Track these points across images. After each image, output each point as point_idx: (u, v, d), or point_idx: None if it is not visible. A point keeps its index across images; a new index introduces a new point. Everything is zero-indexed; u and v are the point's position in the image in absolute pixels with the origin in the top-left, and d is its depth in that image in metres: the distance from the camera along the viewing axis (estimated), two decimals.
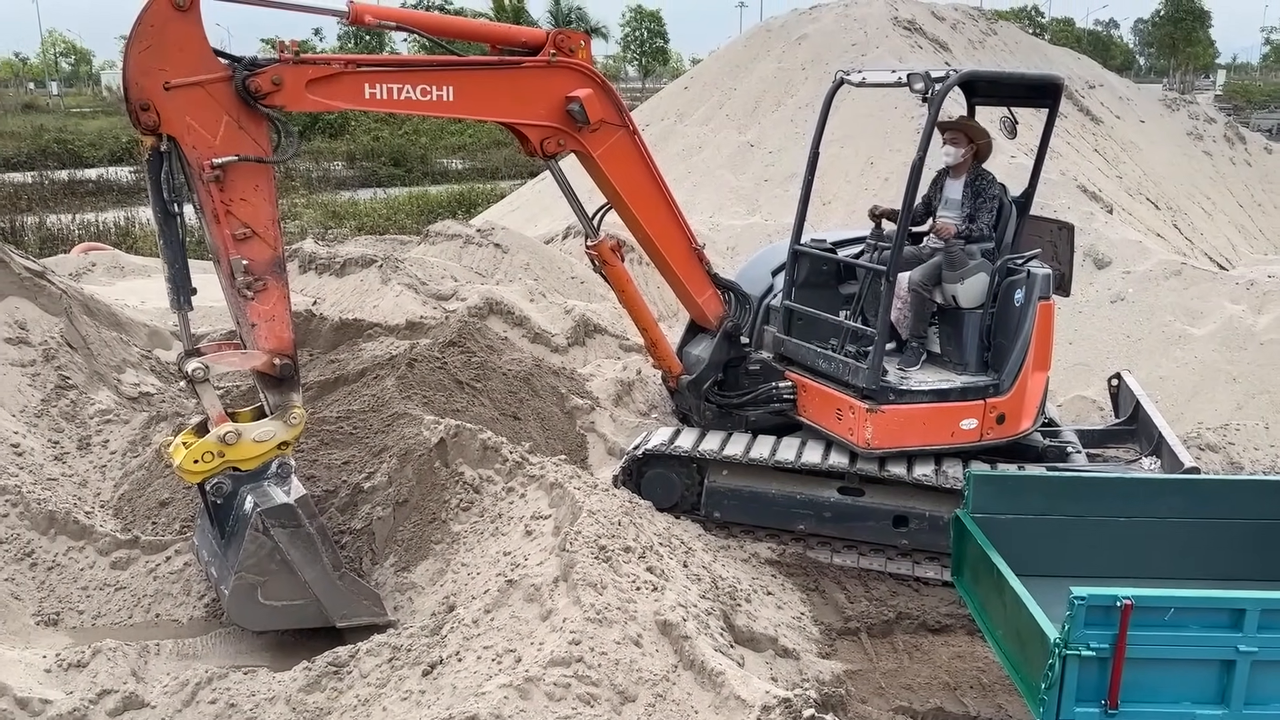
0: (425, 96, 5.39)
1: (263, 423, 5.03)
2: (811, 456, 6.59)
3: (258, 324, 4.87)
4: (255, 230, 4.78)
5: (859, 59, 16.75)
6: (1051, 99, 6.87)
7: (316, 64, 5.05)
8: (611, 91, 6.14)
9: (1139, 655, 3.90)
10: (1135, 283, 11.19)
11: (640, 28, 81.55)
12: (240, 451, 4.96)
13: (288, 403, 5.03)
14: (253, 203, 4.78)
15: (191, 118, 4.61)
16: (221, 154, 4.66)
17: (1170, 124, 23.11)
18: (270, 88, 4.80)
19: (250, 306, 4.84)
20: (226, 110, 4.71)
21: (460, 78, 5.53)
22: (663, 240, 6.69)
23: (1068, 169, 15.44)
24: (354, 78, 5.16)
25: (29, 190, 24.39)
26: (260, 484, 5.01)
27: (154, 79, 4.52)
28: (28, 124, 40.88)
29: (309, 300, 11.50)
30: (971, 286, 6.61)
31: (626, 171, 6.37)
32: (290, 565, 4.89)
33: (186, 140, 4.62)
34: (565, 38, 5.91)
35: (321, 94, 5.08)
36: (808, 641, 5.72)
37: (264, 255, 4.83)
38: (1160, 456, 6.95)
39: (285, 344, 4.97)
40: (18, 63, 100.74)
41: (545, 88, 5.89)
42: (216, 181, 4.65)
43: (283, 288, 4.93)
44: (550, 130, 5.98)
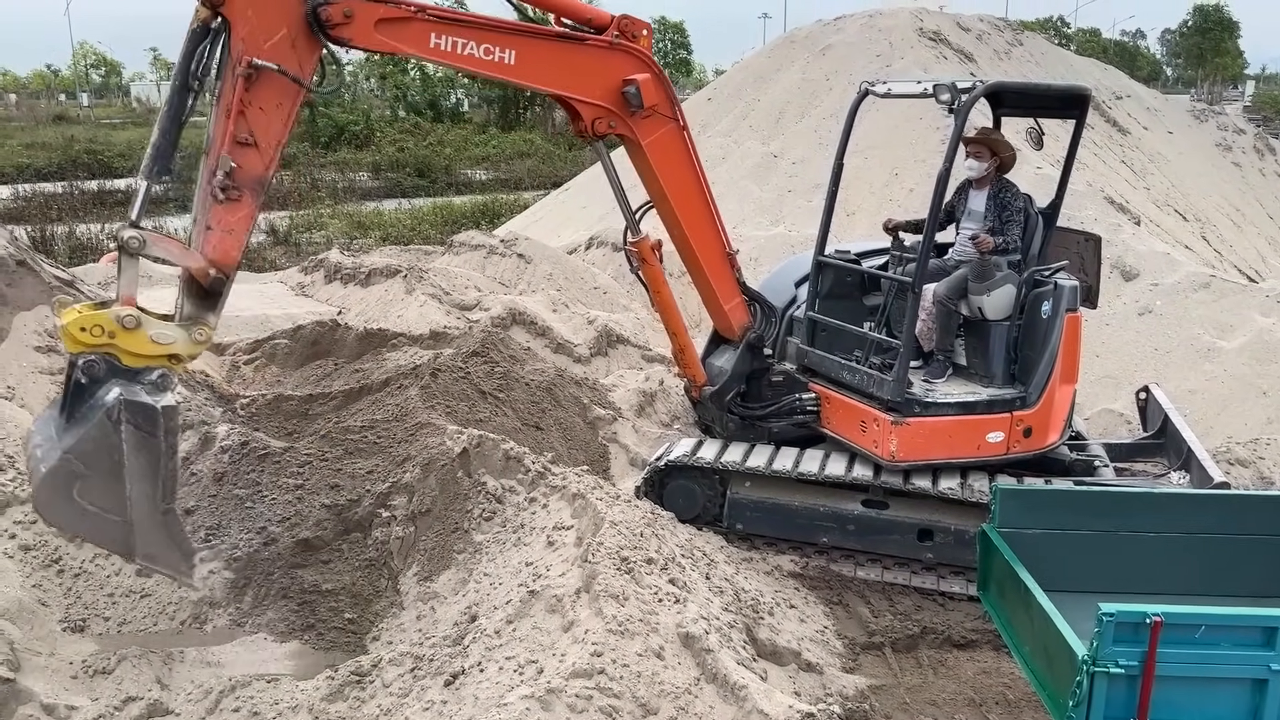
0: (488, 56, 5.48)
1: (167, 325, 4.73)
2: (835, 469, 6.55)
3: (214, 229, 4.73)
4: (258, 141, 4.74)
5: (883, 70, 16.71)
6: (1079, 110, 6.82)
7: (389, 3, 5.11)
8: (667, 82, 6.25)
9: (1169, 673, 3.84)
10: (1163, 295, 11.08)
11: (664, 39, 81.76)
12: (131, 341, 4.60)
13: (201, 318, 4.79)
14: (269, 115, 4.77)
15: (255, 12, 4.67)
16: (265, 57, 4.68)
17: (1199, 135, 22.92)
18: (341, 19, 4.89)
19: (216, 209, 4.71)
20: (289, 23, 4.77)
21: (524, 43, 5.62)
22: (699, 240, 6.72)
23: (1095, 180, 15.32)
24: (422, 24, 5.24)
25: (59, 200, 24.66)
26: (134, 383, 4.63)
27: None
28: (59, 135, 41.41)
29: (334, 310, 11.58)
30: (998, 298, 6.56)
31: (672, 165, 6.42)
32: (122, 471, 4.49)
33: (240, 28, 4.65)
34: (630, 23, 6.01)
35: (389, 35, 5.15)
36: (831, 656, 5.67)
37: (254, 168, 4.76)
38: (1189, 471, 6.87)
39: (229, 260, 4.78)
40: (49, 74, 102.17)
41: (604, 68, 5.99)
42: (247, 79, 4.64)
43: (253, 208, 4.83)
44: (603, 110, 6.07)
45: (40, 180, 29.25)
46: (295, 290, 13.18)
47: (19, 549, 5.50)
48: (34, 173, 31.45)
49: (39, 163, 33.38)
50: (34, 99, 79.91)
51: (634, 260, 6.85)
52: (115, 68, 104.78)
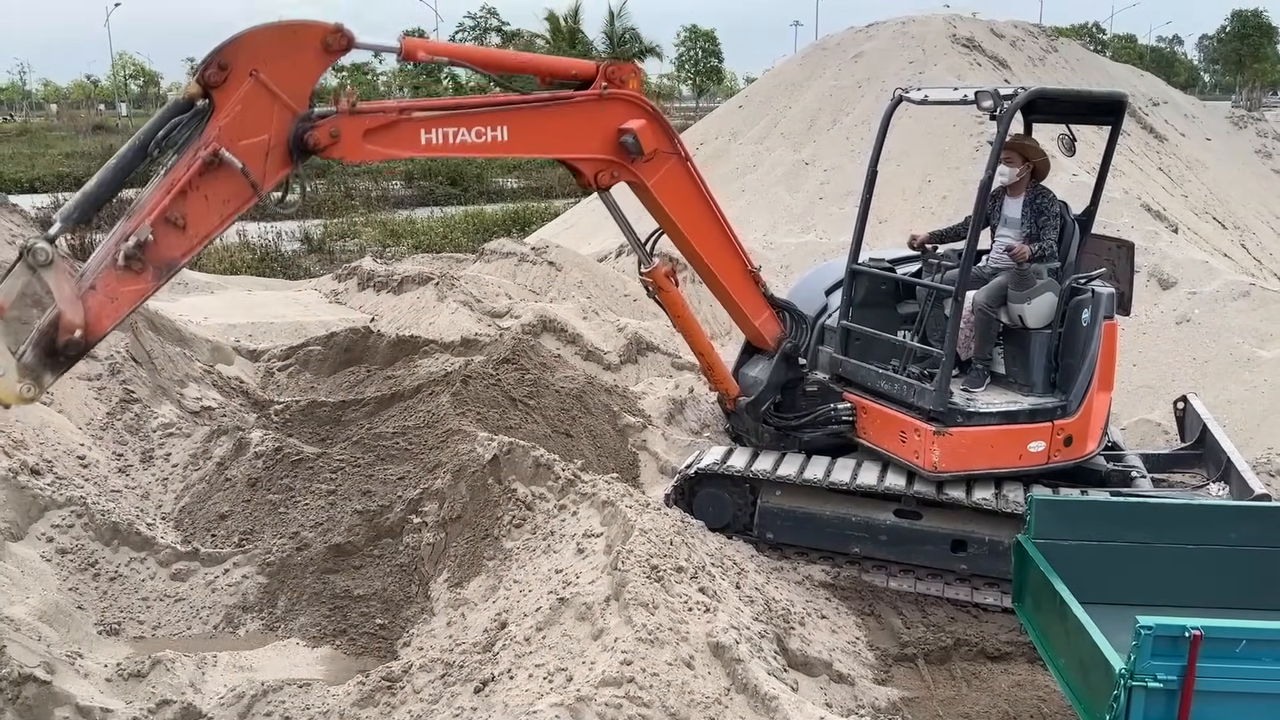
0: (480, 139, 5.39)
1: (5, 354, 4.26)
2: (867, 478, 6.50)
3: (98, 290, 4.35)
4: (188, 226, 4.49)
5: (916, 76, 16.62)
6: (1115, 116, 6.76)
7: (373, 114, 5.03)
8: (663, 120, 6.14)
9: (1208, 688, 3.77)
10: (1201, 303, 10.92)
11: (695, 47, 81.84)
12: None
13: (37, 375, 4.28)
14: (210, 207, 4.55)
15: (244, 108, 4.56)
16: (235, 153, 4.53)
17: (1237, 142, 22.61)
18: (328, 140, 4.79)
19: (109, 273, 4.35)
20: (272, 133, 4.66)
21: (515, 117, 5.52)
22: (718, 264, 6.66)
23: (1131, 187, 15.15)
24: (410, 125, 5.15)
25: None
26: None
27: (253, 59, 4.52)
28: (98, 144, 42.05)
29: (367, 317, 11.67)
30: (1038, 306, 6.50)
31: (680, 198, 6.34)
32: None
33: (221, 117, 4.53)
34: (615, 69, 5.89)
35: (379, 143, 5.07)
36: (863, 667, 5.63)
37: (170, 251, 4.48)
38: (1229, 482, 6.76)
39: (97, 329, 4.37)
40: (89, 84, 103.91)
41: (598, 121, 5.88)
42: (206, 164, 4.47)
43: (150, 288, 4.52)
44: (604, 163, 5.97)
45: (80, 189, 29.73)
46: (329, 297, 13.30)
47: (56, 552, 5.57)
48: (74, 181, 31.87)
49: (79, 171, 33.85)
50: (74, 109, 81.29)
51: (650, 288, 6.81)
52: (153, 78, 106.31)
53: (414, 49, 5.25)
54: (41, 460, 6.12)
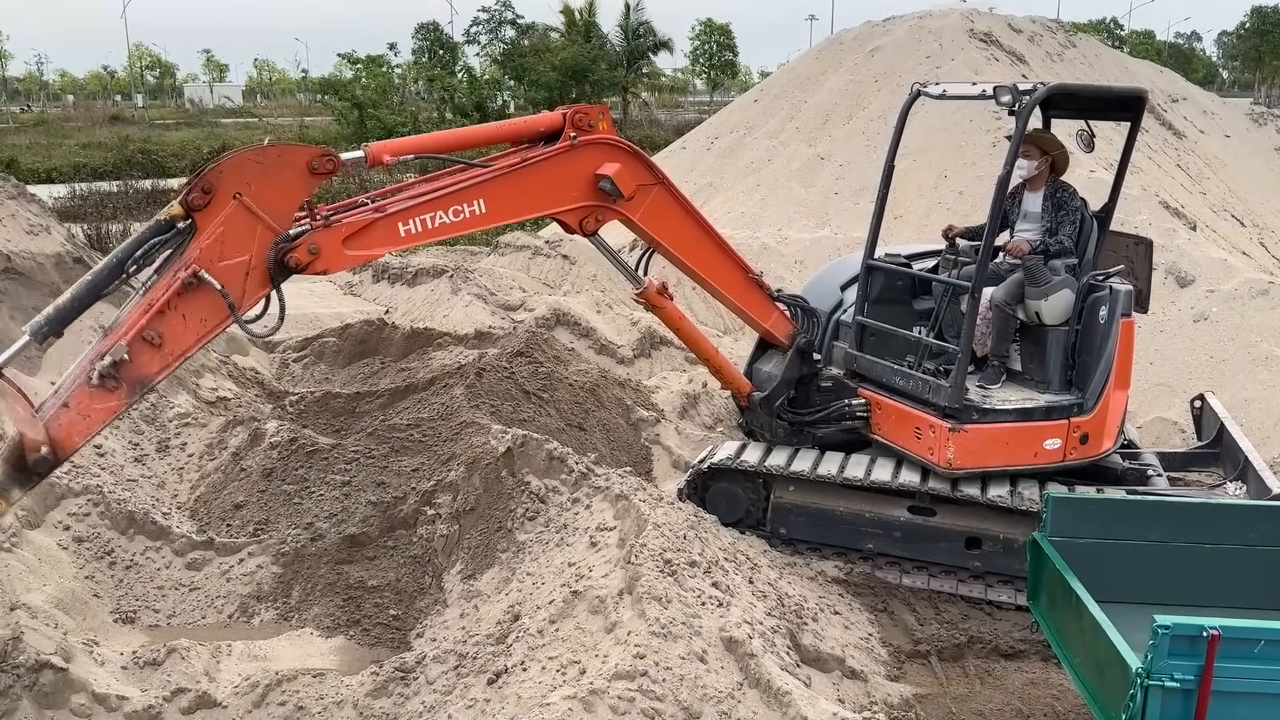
0: (459, 217, 5.30)
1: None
2: (881, 474, 6.48)
3: (70, 408, 4.23)
4: (164, 345, 4.42)
5: (933, 71, 16.53)
6: (1134, 112, 6.70)
7: (348, 220, 4.96)
8: (639, 154, 6.04)
9: (1226, 688, 3.74)
10: (1219, 302, 10.83)
11: (709, 40, 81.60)
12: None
13: (5, 492, 4.14)
14: (188, 328, 4.49)
15: (227, 229, 4.52)
16: (214, 274, 4.47)
17: (1257, 139, 22.41)
18: (308, 258, 4.75)
19: (82, 391, 4.25)
20: (253, 254, 4.62)
21: (489, 188, 5.42)
22: (717, 278, 6.62)
23: (1149, 184, 15.04)
24: (386, 222, 5.07)
25: (114, 199, 25.13)
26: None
27: (236, 181, 4.50)
28: (114, 135, 42.24)
29: (381, 309, 11.69)
30: (1056, 303, 6.46)
31: (669, 225, 6.28)
32: None
33: (203, 239, 4.49)
34: (582, 115, 5.77)
35: (359, 246, 5.00)
36: (876, 663, 5.61)
37: (145, 369, 4.39)
38: (1246, 482, 6.71)
39: (68, 445, 4.24)
40: (106, 76, 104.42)
41: (573, 172, 5.78)
42: (186, 285, 4.40)
43: (123, 405, 4.41)
44: (588, 209, 5.90)
45: (96, 179, 29.81)
46: (344, 289, 13.34)
47: (73, 540, 5.61)
48: (90, 172, 32.09)
49: (95, 162, 34.06)
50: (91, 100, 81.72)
51: (645, 307, 6.78)
52: (169, 69, 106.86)
53: (378, 154, 5.12)
54: None
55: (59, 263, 7.75)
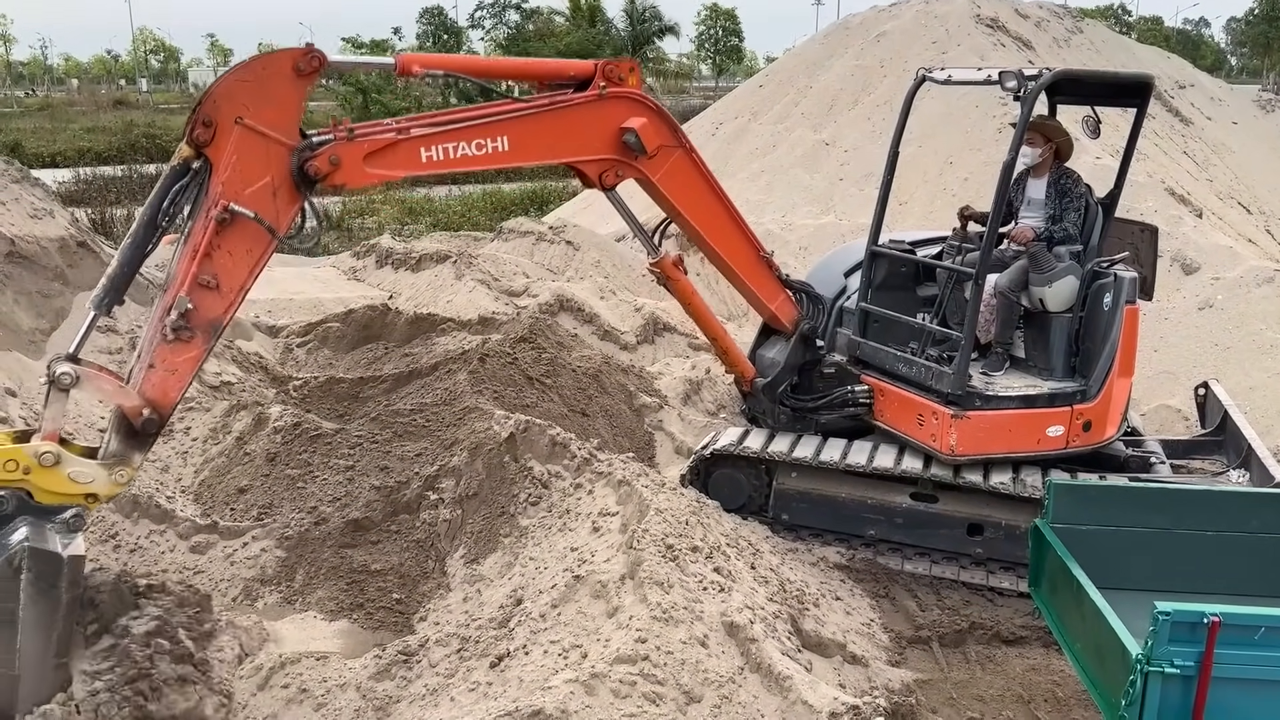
0: (481, 150, 5.31)
1: (88, 464, 4.35)
2: (884, 461, 6.49)
3: (157, 367, 4.42)
4: (220, 285, 4.51)
5: (939, 57, 16.46)
6: (1140, 99, 6.67)
7: (371, 137, 4.97)
8: (665, 114, 6.07)
9: (1226, 675, 3.75)
10: (1225, 289, 10.80)
11: (715, 26, 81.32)
12: (47, 479, 4.24)
13: (126, 458, 4.42)
14: (236, 261, 4.55)
15: (240, 157, 4.52)
16: (243, 204, 4.50)
17: (1265, 126, 22.30)
18: (329, 168, 4.75)
19: (163, 348, 4.42)
20: (273, 173, 4.62)
21: (514, 125, 5.42)
22: (729, 252, 6.62)
23: (1155, 171, 14.98)
24: (409, 144, 5.08)
25: (118, 183, 25.18)
26: (44, 523, 4.22)
27: (234, 107, 4.47)
28: (118, 119, 42.29)
29: (385, 294, 11.70)
30: (1060, 290, 6.45)
31: (687, 190, 6.29)
32: (15, 623, 4.06)
33: (221, 173, 4.50)
34: (614, 67, 5.80)
35: (380, 165, 5.01)
36: (877, 649, 5.63)
37: (212, 311, 4.52)
38: (1249, 469, 6.72)
39: (167, 401, 4.47)
40: (110, 60, 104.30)
41: (599, 121, 5.80)
42: (220, 223, 4.46)
43: (203, 350, 4.55)
44: (608, 163, 5.90)
45: (100, 164, 29.87)
46: (347, 274, 13.35)
47: None
48: (94, 156, 32.14)
49: (99, 147, 34.11)
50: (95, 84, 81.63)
51: (658, 278, 6.79)
52: (173, 53, 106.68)
53: (408, 64, 5.14)
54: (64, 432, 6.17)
55: (63, 247, 7.76)
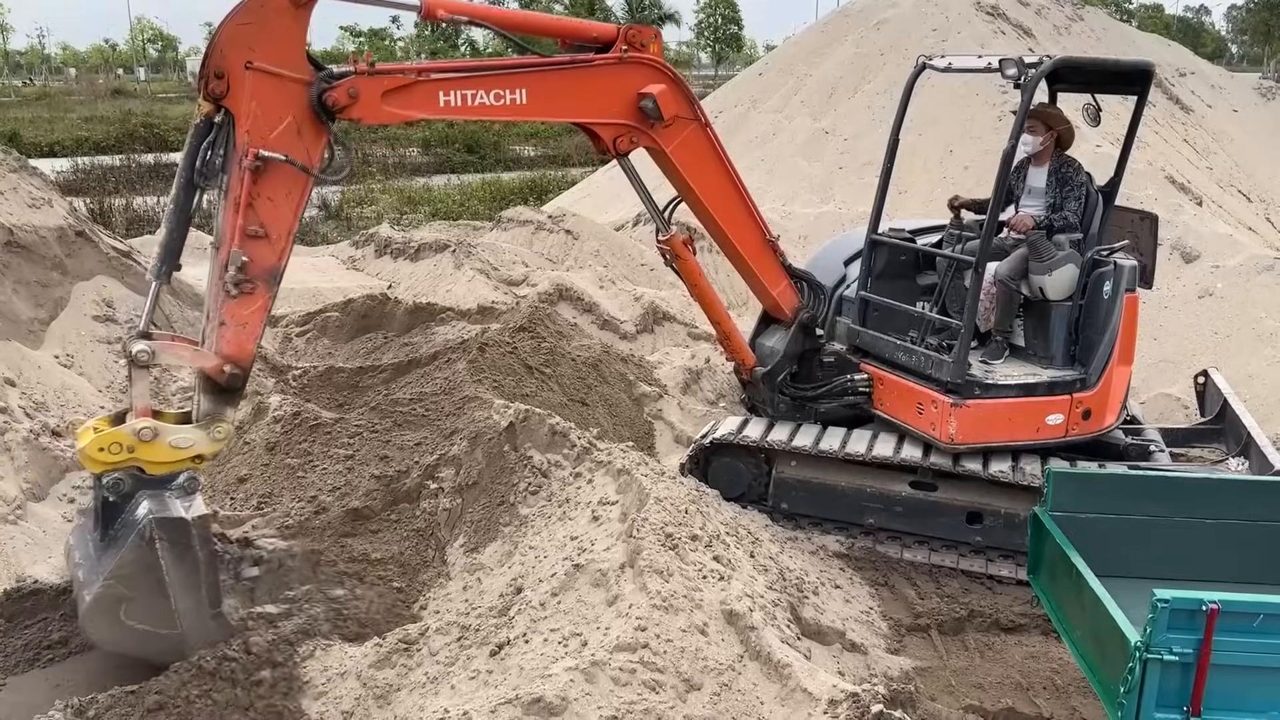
0: (499, 101, 5.31)
1: (185, 429, 4.58)
2: (883, 450, 6.49)
3: (227, 324, 4.56)
4: (269, 233, 4.58)
5: (939, 45, 16.40)
6: (1140, 86, 6.65)
7: (391, 74, 4.97)
8: (684, 85, 6.07)
9: (1224, 662, 3.76)
10: (1225, 278, 10.79)
11: (714, 14, 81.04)
12: (151, 452, 4.48)
13: (219, 414, 4.63)
14: (278, 206, 4.60)
15: (258, 103, 4.51)
16: (271, 148, 4.52)
17: (1265, 114, 22.24)
18: (347, 100, 4.73)
19: (229, 305, 4.55)
20: (293, 111, 4.62)
21: (533, 80, 5.44)
22: (736, 233, 6.61)
23: (1155, 159, 14.96)
24: (428, 86, 5.08)
25: (117, 173, 25.12)
26: (162, 492, 4.49)
27: (240, 53, 4.45)
28: (116, 109, 42.11)
29: (384, 284, 11.68)
30: (1060, 278, 6.45)
31: (699, 165, 6.29)
32: (164, 587, 4.34)
33: (243, 122, 4.50)
34: (636, 33, 5.82)
35: (397, 104, 5.00)
36: (876, 637, 5.64)
37: (267, 260, 4.60)
38: (1248, 457, 6.72)
39: (245, 354, 4.62)
40: (107, 49, 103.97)
41: (618, 85, 5.81)
42: (254, 171, 4.49)
43: (268, 298, 4.67)
44: (623, 128, 5.91)
45: (98, 153, 29.78)
46: (346, 264, 13.33)
47: (77, 513, 5.63)
48: (92, 146, 32.03)
49: (97, 136, 33.98)
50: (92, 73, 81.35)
51: (668, 256, 6.78)
52: (171, 42, 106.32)
53: (434, 7, 5.13)
54: (62, 422, 6.17)
55: (61, 236, 7.74)
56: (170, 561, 4.30)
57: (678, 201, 6.58)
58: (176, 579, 4.32)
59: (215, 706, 4.16)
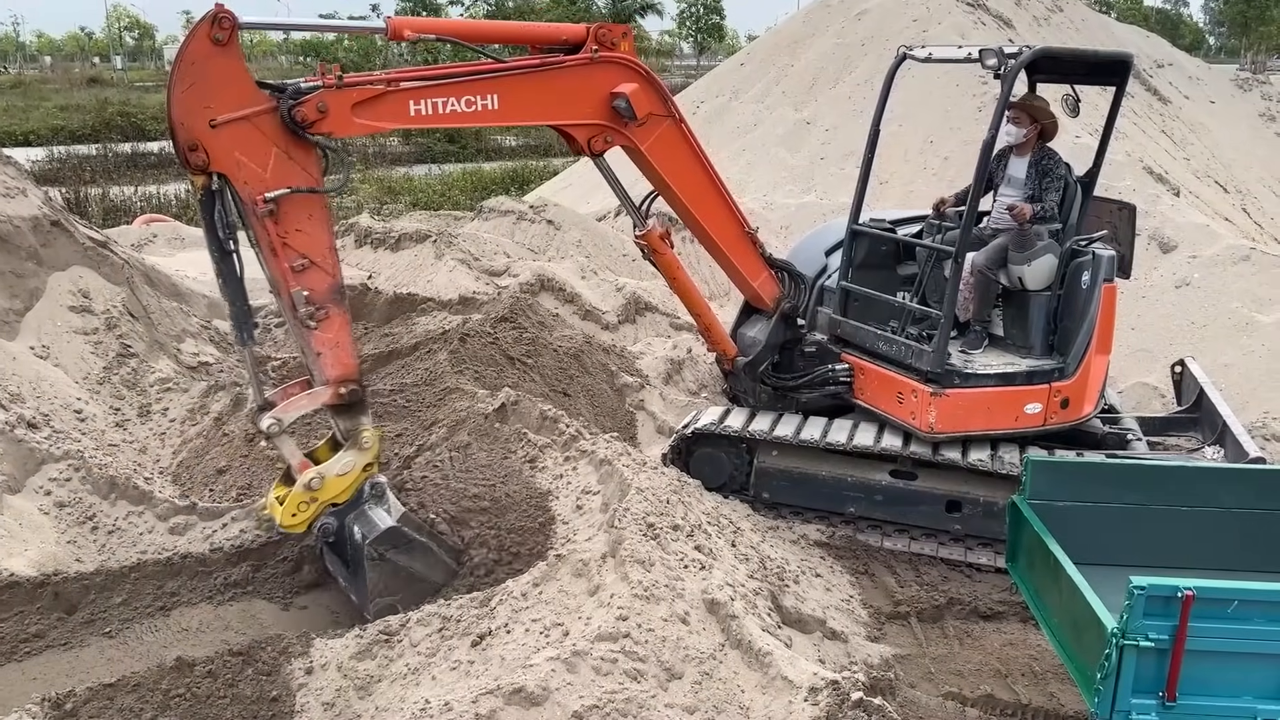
0: (470, 107, 5.28)
1: (340, 456, 5.04)
2: (864, 439, 6.52)
3: (323, 353, 4.85)
4: (313, 260, 4.72)
5: (920, 35, 16.43)
6: (1119, 77, 6.68)
7: (360, 86, 4.92)
8: (656, 82, 6.03)
9: (1199, 648, 3.81)
10: (1201, 267, 10.87)
11: (696, 4, 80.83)
12: (330, 490, 4.99)
13: (358, 427, 5.04)
14: (308, 232, 4.70)
15: (240, 153, 4.51)
16: (273, 187, 4.57)
17: (1242, 105, 22.41)
18: (316, 115, 4.70)
19: (315, 336, 4.80)
20: (274, 142, 4.60)
21: (504, 84, 5.40)
22: (714, 226, 6.60)
23: (1133, 150, 15.04)
24: (398, 96, 5.04)
25: (93, 162, 24.89)
26: (361, 509, 5.07)
27: (199, 118, 4.42)
28: (93, 98, 41.63)
29: (364, 274, 11.62)
30: (1039, 268, 6.48)
31: (675, 161, 6.27)
32: (416, 576, 5.10)
33: (238, 177, 4.53)
34: (606, 32, 5.77)
35: (368, 116, 4.97)
36: (856, 625, 5.67)
37: (324, 284, 4.77)
38: (1224, 446, 6.78)
39: (350, 369, 4.95)
40: (83, 37, 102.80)
41: (590, 85, 5.78)
42: (271, 215, 4.56)
43: (345, 314, 4.89)
44: (597, 128, 5.88)
45: (74, 142, 29.49)
46: None
47: (54, 505, 5.59)
48: (68, 135, 31.71)
49: (73, 125, 33.63)
50: (68, 62, 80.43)
51: (645, 250, 6.76)
52: (148, 30, 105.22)
53: (400, 27, 5.10)
54: (39, 414, 6.12)
55: (36, 226, 7.65)
56: (406, 561, 5.04)
57: (654, 196, 6.56)
58: (419, 568, 5.10)
59: (194, 700, 4.15)
